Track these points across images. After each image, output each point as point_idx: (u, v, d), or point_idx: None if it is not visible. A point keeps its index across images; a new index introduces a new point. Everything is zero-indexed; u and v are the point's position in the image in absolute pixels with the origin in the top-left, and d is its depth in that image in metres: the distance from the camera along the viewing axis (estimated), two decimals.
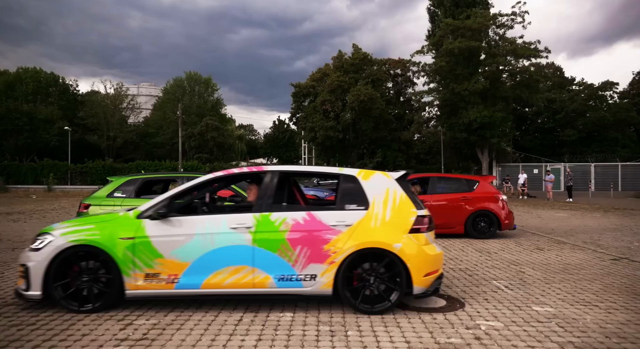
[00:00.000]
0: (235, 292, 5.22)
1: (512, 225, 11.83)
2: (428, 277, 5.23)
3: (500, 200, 11.81)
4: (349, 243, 5.14)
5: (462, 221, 11.54)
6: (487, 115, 33.70)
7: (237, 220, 5.27)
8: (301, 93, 47.12)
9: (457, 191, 11.94)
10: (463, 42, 33.50)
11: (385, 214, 5.33)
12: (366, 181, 5.52)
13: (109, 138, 59.56)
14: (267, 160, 78.78)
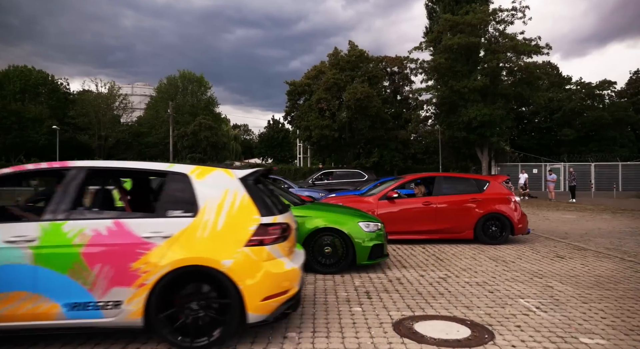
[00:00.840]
0: (9, 327, 4.05)
1: (525, 229, 10.82)
2: (269, 301, 4.16)
3: (513, 201, 10.80)
4: (165, 260, 4.06)
5: (471, 225, 10.53)
6: (487, 113, 32.74)
7: (14, 231, 4.09)
8: (296, 91, 46.02)
9: (466, 193, 10.91)
10: (462, 38, 32.53)
11: (218, 222, 4.24)
12: (200, 180, 4.43)
13: (101, 138, 58.41)
14: (262, 159, 77.76)
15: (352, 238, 7.23)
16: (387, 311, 5.26)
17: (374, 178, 23.88)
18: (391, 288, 6.30)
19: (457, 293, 6.04)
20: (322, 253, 7.23)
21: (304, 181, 25.19)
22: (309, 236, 7.17)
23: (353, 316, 5.05)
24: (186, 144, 55.86)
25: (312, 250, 7.19)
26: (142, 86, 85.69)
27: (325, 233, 7.27)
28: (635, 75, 54.47)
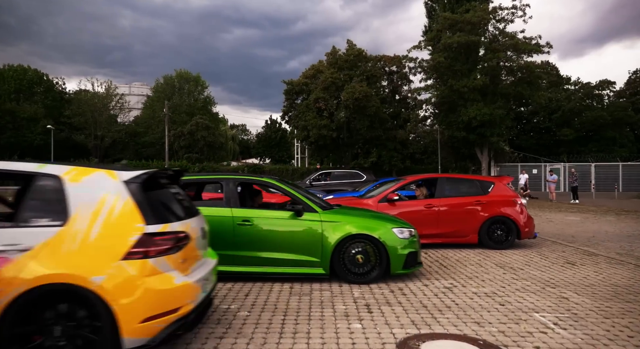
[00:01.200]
0: None
1: (532, 233, 10.33)
2: (151, 322, 3.59)
3: (519, 204, 10.31)
4: (20, 278, 3.45)
5: (475, 229, 10.03)
6: (487, 112, 32.29)
7: None
8: (294, 90, 45.49)
9: (470, 195, 10.40)
10: (462, 37, 32.09)
11: (91, 232, 3.64)
12: (75, 183, 3.82)
13: (97, 138, 57.83)
14: (260, 160, 77.29)
15: (386, 245, 6.73)
16: (390, 328, 4.76)
17: (373, 178, 23.40)
18: (393, 300, 5.81)
19: (465, 306, 5.55)
20: (354, 262, 6.73)
21: (302, 182, 24.69)
22: (339, 243, 6.69)
23: (352, 335, 4.55)
24: (183, 144, 55.37)
25: (342, 258, 6.73)
26: (139, 86, 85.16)
27: (357, 240, 6.77)
28: (635, 75, 54.17)
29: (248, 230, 6.69)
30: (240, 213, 6.79)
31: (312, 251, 6.67)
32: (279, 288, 6.44)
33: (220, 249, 5.91)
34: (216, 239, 6.12)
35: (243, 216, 6.75)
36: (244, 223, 6.70)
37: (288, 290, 6.31)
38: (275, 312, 5.28)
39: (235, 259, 6.63)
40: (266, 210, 7.09)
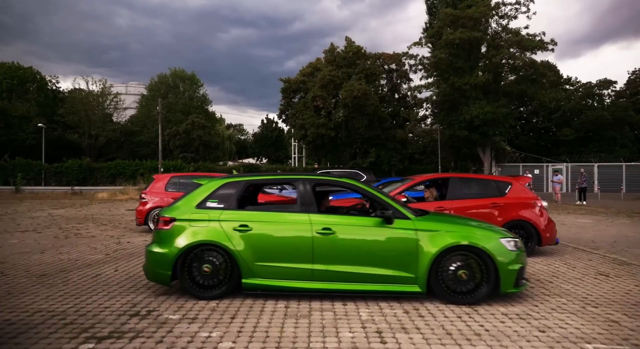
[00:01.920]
0: None
1: (554, 239, 9.34)
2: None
3: (539, 206, 9.35)
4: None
5: None
6: (490, 111, 31.41)
7: None
8: (291, 88, 44.55)
9: (485, 196, 9.41)
10: (464, 33, 31.21)
11: None
12: None
13: (91, 137, 56.70)
14: (256, 159, 76.24)
15: (495, 259, 5.61)
16: None
17: (374, 179, 22.48)
18: (409, 325, 4.81)
19: (497, 333, 4.56)
20: (456, 278, 5.64)
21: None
22: (438, 256, 5.61)
23: None
24: (178, 143, 54.32)
25: (440, 273, 5.66)
26: (136, 85, 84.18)
27: (458, 252, 5.68)
28: (634, 75, 53.71)
29: (329, 240, 5.72)
30: (320, 219, 5.82)
31: (406, 266, 5.65)
32: (272, 307, 5.45)
33: (295, 262, 5.68)
34: (291, 250, 5.69)
35: (323, 224, 5.77)
36: (324, 232, 5.72)
37: (283, 310, 5.32)
38: (267, 342, 4.28)
39: (314, 274, 5.69)
40: (349, 217, 6.05)
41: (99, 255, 8.79)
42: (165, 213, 6.00)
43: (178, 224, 5.83)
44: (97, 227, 13.54)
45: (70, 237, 11.32)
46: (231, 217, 5.82)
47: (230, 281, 5.71)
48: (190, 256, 5.72)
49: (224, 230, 5.73)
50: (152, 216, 12.23)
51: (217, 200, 6.00)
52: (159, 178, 12.98)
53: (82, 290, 6.13)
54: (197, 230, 5.76)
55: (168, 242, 5.75)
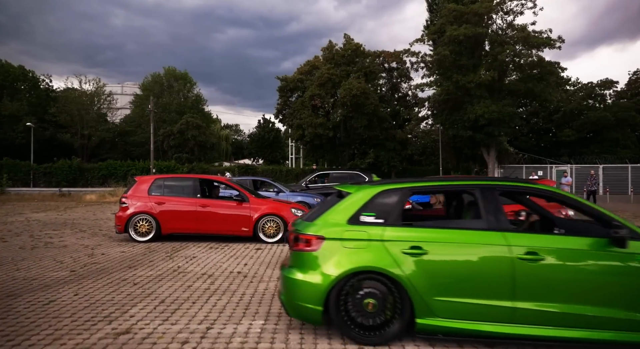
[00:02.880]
0: None
1: None
2: None
3: (564, 215, 8.12)
4: None
5: None
6: (495, 110, 30.23)
7: None
8: (288, 87, 43.22)
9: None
10: (469, 29, 30.01)
11: None
12: None
13: (84, 137, 55.40)
14: (253, 160, 74.95)
15: None
16: None
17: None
18: None
19: None
20: None
21: (296, 185, 22.45)
22: None
23: None
24: (172, 143, 53.11)
25: None
26: (131, 85, 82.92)
27: None
28: (635, 76, 52.77)
29: (537, 268, 4.29)
30: (521, 240, 4.39)
31: None
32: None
33: (489, 297, 4.28)
34: (483, 281, 4.32)
35: (527, 246, 4.34)
36: (529, 258, 4.29)
37: None
38: None
39: (516, 315, 4.27)
40: (558, 237, 4.57)
41: (62, 272, 7.50)
42: (308, 230, 4.64)
43: (328, 244, 4.52)
44: (74, 234, 12.25)
45: (37, 248, 10.02)
46: (398, 236, 4.49)
47: (400, 321, 4.39)
48: (346, 286, 4.42)
49: (390, 252, 4.41)
50: (133, 223, 10.96)
51: (373, 213, 4.66)
52: (141, 181, 11.67)
53: (20, 327, 4.85)
54: (353, 252, 4.48)
55: (316, 268, 4.48)
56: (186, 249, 10.00)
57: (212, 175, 18.86)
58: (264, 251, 9.74)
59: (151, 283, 6.75)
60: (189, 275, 7.35)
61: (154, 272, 7.53)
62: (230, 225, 10.99)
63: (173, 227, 11.10)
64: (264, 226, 11.03)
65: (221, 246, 10.39)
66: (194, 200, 11.23)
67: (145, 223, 11.00)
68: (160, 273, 7.50)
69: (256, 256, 9.17)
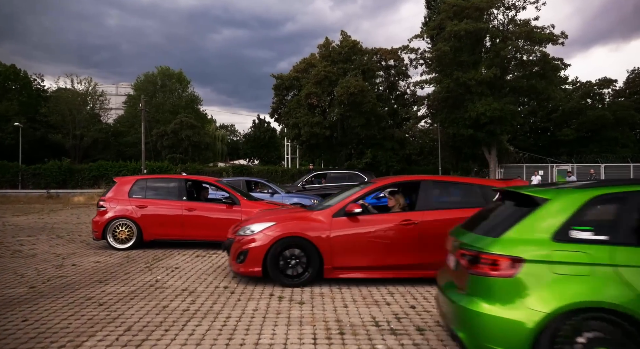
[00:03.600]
0: None
1: None
2: None
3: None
4: None
5: None
6: (497, 108, 29.28)
7: None
8: (283, 85, 42.19)
9: (467, 206, 6.86)
10: (470, 24, 29.05)
11: None
12: None
13: (75, 137, 54.27)
14: (248, 161, 73.92)
15: None
16: None
17: None
18: None
19: None
20: None
21: (292, 185, 21.44)
22: None
23: None
24: (166, 144, 52.05)
25: None
26: (126, 86, 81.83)
27: None
28: (633, 74, 52.25)
29: None
30: None
31: None
32: None
33: None
34: None
35: None
36: None
37: None
38: None
39: None
40: None
41: (20, 289, 6.46)
42: (495, 249, 3.51)
43: (530, 268, 3.38)
44: (49, 241, 11.19)
45: (2, 257, 8.96)
46: (636, 259, 3.30)
47: None
48: (563, 329, 3.24)
49: (629, 282, 3.22)
50: (111, 229, 9.93)
51: (590, 228, 3.48)
52: (121, 182, 10.59)
53: None
54: (569, 280, 3.32)
55: (513, 300, 3.35)
56: (169, 258, 8.99)
57: (201, 176, 17.86)
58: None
59: (120, 303, 5.73)
60: (167, 292, 6.34)
61: (127, 288, 6.51)
62: (220, 230, 9.86)
63: (156, 233, 10.05)
64: None
65: (209, 254, 9.39)
66: (180, 203, 10.20)
67: (125, 228, 9.97)
68: (134, 288, 6.48)
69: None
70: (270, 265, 6.58)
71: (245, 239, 6.78)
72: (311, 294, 6.27)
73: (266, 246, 6.59)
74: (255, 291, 6.40)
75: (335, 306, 5.70)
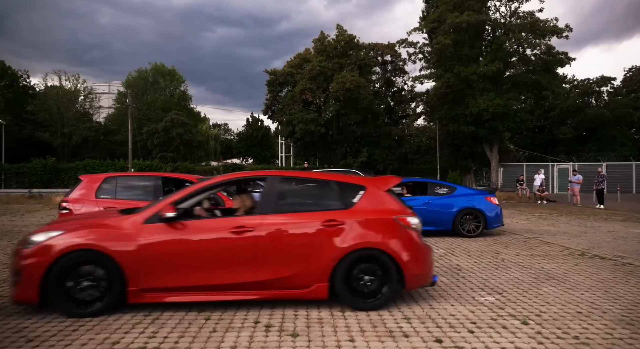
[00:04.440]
0: None
1: (428, 278, 5.76)
2: None
3: (403, 226, 5.65)
4: None
5: (323, 271, 5.36)
6: (500, 103, 28.06)
7: None
8: (277, 81, 40.83)
9: (318, 208, 5.94)
10: (472, 16, 27.80)
11: None
12: None
13: (64, 136, 52.78)
14: (242, 159, 72.68)
15: None
16: None
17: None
18: None
19: None
20: None
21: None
22: None
23: None
24: (157, 142, 50.66)
25: None
26: (119, 85, 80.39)
27: None
28: (630, 73, 51.59)
29: None
30: None
31: None
32: None
33: None
34: None
35: None
36: None
37: None
38: None
39: None
40: None
41: None
42: None
43: None
44: (3, 249, 9.79)
45: None
46: None
47: None
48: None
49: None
50: None
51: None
52: (88, 180, 9.23)
53: None
54: None
55: None
56: None
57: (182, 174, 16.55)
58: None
59: (56, 339, 4.40)
60: (122, 320, 5.01)
61: (70, 319, 5.04)
62: None
63: None
64: None
65: None
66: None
67: None
68: (79, 318, 5.06)
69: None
70: (53, 288, 4.94)
71: (24, 253, 5.08)
72: (307, 321, 4.98)
73: (45, 263, 4.94)
74: (237, 318, 5.08)
75: (338, 340, 4.41)
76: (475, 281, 6.90)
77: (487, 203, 12.11)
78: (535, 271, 7.62)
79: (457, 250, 9.91)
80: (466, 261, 8.58)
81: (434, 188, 12.54)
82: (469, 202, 12.06)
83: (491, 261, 8.58)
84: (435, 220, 11.86)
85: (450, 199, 12.17)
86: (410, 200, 12.17)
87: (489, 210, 12.02)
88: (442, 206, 12.04)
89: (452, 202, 12.07)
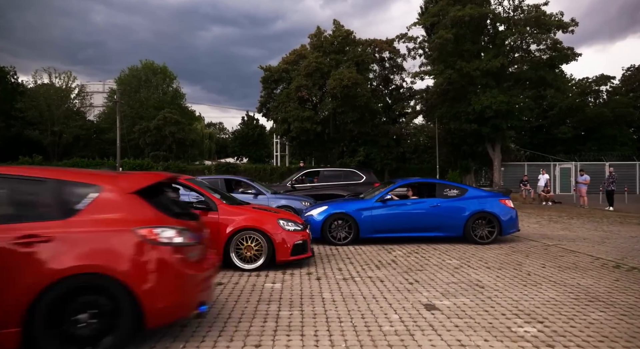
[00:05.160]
0: None
1: (181, 312, 4.23)
2: None
3: (142, 239, 4.17)
4: None
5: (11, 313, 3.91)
6: (504, 100, 27.00)
7: None
8: (272, 78, 39.64)
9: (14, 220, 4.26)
10: (475, 9, 26.73)
11: None
12: None
13: (54, 134, 51.55)
14: (237, 159, 71.62)
15: None
16: None
17: (375, 180, 17.93)
18: None
19: None
20: None
21: (281, 185, 18.93)
22: None
23: None
24: (149, 141, 49.42)
25: None
26: (113, 83, 79.29)
27: None
28: (629, 72, 51.12)
29: None
30: None
31: None
32: None
33: None
34: None
35: None
36: None
37: None
38: None
39: None
40: None
41: None
42: None
43: None
44: None
45: None
46: None
47: None
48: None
49: None
50: None
51: None
52: None
53: None
54: None
55: None
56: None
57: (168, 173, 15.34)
58: (238, 285, 6.32)
59: None
60: None
61: None
62: None
63: None
64: (239, 245, 7.61)
65: None
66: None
67: None
68: None
69: (219, 299, 5.57)
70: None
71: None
72: None
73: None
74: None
75: None
76: (504, 303, 5.76)
77: (502, 206, 10.99)
78: (572, 288, 6.49)
79: (472, 260, 8.78)
80: (486, 275, 7.44)
81: (442, 189, 11.35)
82: (481, 205, 10.92)
83: (515, 274, 7.45)
84: (445, 225, 10.78)
85: (461, 202, 11.02)
86: (417, 202, 11.09)
87: (503, 214, 10.89)
88: (452, 209, 10.90)
89: (463, 205, 10.93)
